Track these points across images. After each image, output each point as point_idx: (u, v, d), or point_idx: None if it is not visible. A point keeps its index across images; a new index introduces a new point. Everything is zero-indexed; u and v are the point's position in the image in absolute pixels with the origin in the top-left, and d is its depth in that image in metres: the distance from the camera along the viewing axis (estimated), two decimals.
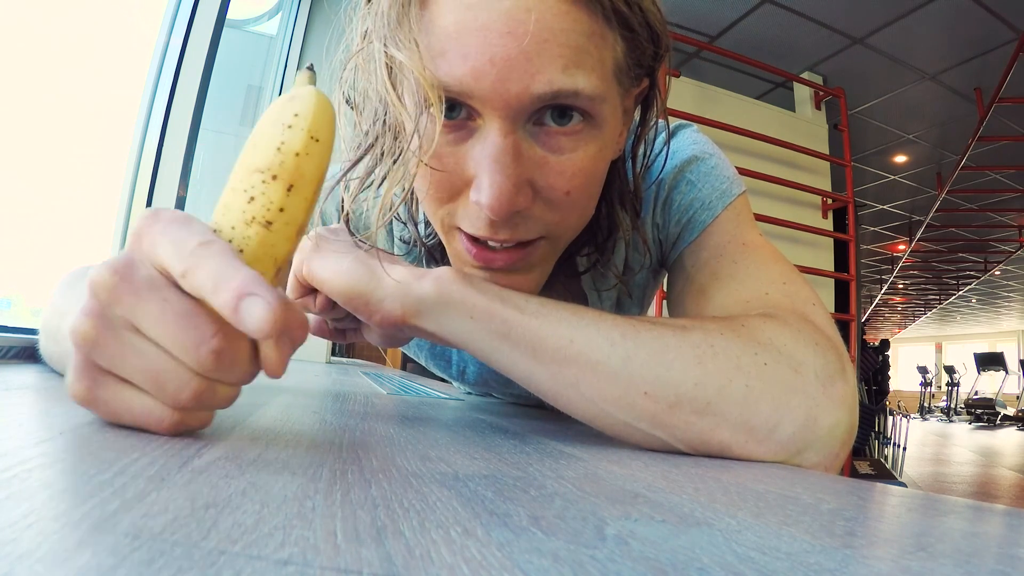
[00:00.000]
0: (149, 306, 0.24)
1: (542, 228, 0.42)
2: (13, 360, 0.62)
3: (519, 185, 0.38)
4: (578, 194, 0.41)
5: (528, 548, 0.15)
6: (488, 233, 0.41)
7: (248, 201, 0.27)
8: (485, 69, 0.36)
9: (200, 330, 0.24)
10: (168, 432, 0.26)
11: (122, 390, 0.25)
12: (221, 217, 0.27)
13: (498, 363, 0.40)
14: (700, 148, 0.57)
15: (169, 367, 0.25)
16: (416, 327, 0.41)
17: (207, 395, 0.25)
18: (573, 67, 0.37)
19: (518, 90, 0.36)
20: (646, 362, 0.37)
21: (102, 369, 0.25)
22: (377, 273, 0.41)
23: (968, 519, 0.24)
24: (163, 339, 0.24)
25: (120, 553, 0.12)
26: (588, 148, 0.40)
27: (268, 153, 0.27)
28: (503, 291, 0.41)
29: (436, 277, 0.40)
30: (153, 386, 0.25)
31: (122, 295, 0.24)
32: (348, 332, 0.48)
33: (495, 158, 0.37)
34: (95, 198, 1.56)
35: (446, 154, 0.40)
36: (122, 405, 0.25)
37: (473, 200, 0.39)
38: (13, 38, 1.18)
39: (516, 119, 0.38)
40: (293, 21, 2.38)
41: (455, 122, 0.39)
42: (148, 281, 0.25)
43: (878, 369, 4.25)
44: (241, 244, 0.26)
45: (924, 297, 10.64)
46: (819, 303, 0.46)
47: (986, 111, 3.44)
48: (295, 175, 0.27)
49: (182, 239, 0.25)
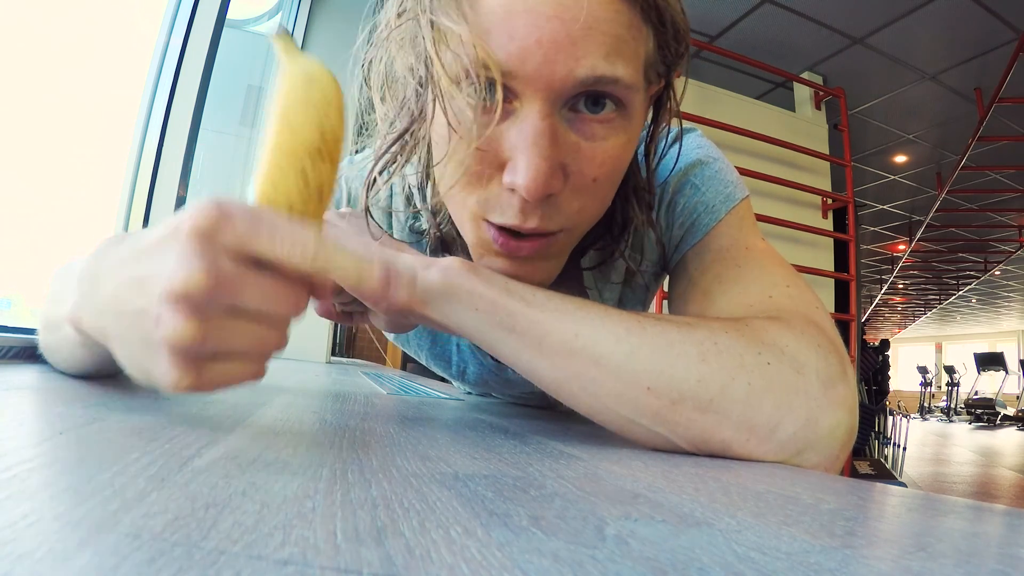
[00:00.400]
0: (251, 288, 0.26)
1: (564, 219, 0.42)
2: (13, 360, 0.62)
3: (554, 168, 0.39)
4: (604, 181, 0.42)
5: (528, 548, 0.15)
6: (518, 221, 0.41)
7: (304, 182, 0.29)
8: (531, 50, 0.36)
9: (292, 292, 0.28)
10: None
11: (223, 365, 0.27)
12: (273, 193, 0.29)
13: (502, 354, 0.40)
14: (704, 152, 0.57)
15: (264, 334, 0.27)
16: (422, 315, 0.41)
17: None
18: (614, 55, 0.38)
19: (563, 73, 0.37)
20: (650, 358, 0.37)
21: (202, 357, 0.26)
22: (385, 259, 0.41)
23: (968, 519, 0.24)
24: (268, 307, 0.27)
25: (120, 553, 0.12)
26: (619, 137, 0.41)
27: (313, 135, 0.29)
28: (509, 282, 0.41)
29: (444, 267, 0.41)
30: (256, 354, 0.28)
31: (229, 230, 0.26)
32: (355, 315, 0.48)
33: (534, 140, 0.38)
34: (95, 198, 1.56)
35: (479, 135, 0.40)
36: (226, 378, 0.27)
37: (507, 181, 0.39)
38: (13, 38, 1.18)
39: (555, 103, 0.38)
40: (293, 21, 2.38)
41: (492, 103, 0.39)
42: (236, 272, 0.26)
43: (878, 369, 4.25)
44: (299, 219, 0.29)
45: (924, 297, 10.63)
46: (822, 307, 0.46)
47: (986, 111, 3.44)
48: (336, 154, 0.30)
49: (290, 235, 0.27)
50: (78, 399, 0.35)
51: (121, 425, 0.27)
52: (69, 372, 0.46)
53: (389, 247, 0.43)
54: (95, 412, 0.30)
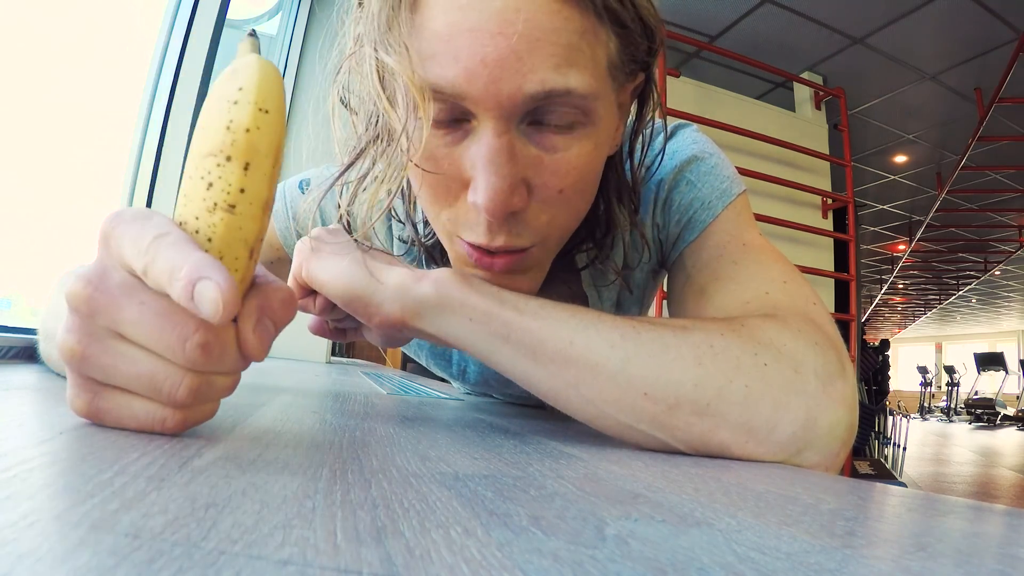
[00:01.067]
0: (127, 312, 0.24)
1: (533, 234, 0.42)
2: (13, 360, 0.62)
3: (514, 185, 0.39)
4: (571, 192, 0.41)
5: (528, 548, 0.15)
6: (486, 240, 0.41)
7: (207, 187, 0.25)
8: (477, 70, 0.36)
9: (181, 327, 0.24)
10: (176, 430, 0.26)
11: (121, 398, 0.25)
12: (183, 208, 0.26)
13: (498, 364, 0.40)
14: (700, 148, 0.57)
15: (159, 368, 0.24)
16: (416, 329, 0.41)
17: (204, 388, 0.25)
18: (565, 66, 0.37)
19: (510, 90, 0.36)
20: (645, 363, 0.37)
21: (97, 381, 0.25)
22: (376, 275, 0.41)
23: (968, 519, 0.24)
24: (148, 341, 0.24)
25: (120, 553, 0.12)
26: (583, 146, 0.40)
27: (218, 134, 0.25)
28: (502, 292, 0.41)
29: (435, 279, 0.40)
30: (149, 389, 0.25)
31: (99, 305, 0.24)
32: (348, 331, 0.48)
33: (490, 159, 0.38)
34: (95, 198, 1.56)
35: (442, 156, 0.40)
36: (125, 412, 0.25)
37: (470, 201, 0.40)
38: (13, 38, 1.18)
39: (510, 119, 0.38)
40: (293, 21, 2.38)
41: (450, 125, 0.39)
42: (121, 286, 0.25)
43: (878, 369, 4.25)
44: (208, 233, 0.25)
45: (924, 297, 10.63)
46: (820, 302, 0.46)
47: (986, 111, 3.44)
48: (250, 152, 0.25)
49: (139, 235, 0.24)
50: None
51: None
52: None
53: (380, 261, 0.42)
54: None
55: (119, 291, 0.25)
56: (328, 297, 0.42)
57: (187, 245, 0.24)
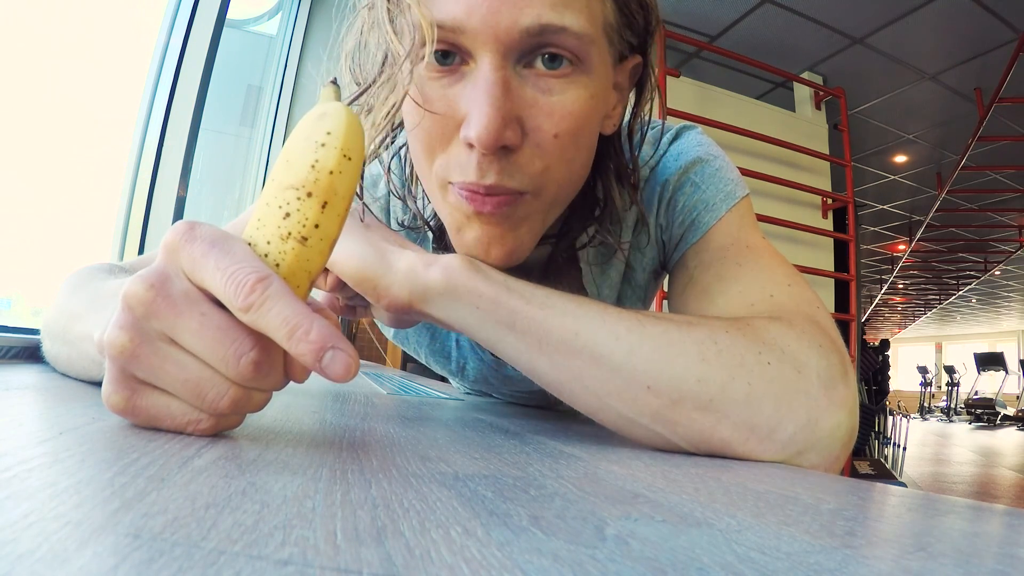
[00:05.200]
0: (188, 321, 0.25)
1: (528, 179, 0.42)
2: (13, 360, 0.62)
3: (507, 119, 0.39)
4: (566, 138, 0.42)
5: (528, 548, 0.15)
6: (476, 177, 0.41)
7: (284, 217, 0.27)
8: (476, 4, 0.38)
9: (240, 343, 0.25)
10: (205, 434, 0.27)
11: (161, 398, 0.26)
12: (256, 232, 0.28)
13: (503, 352, 0.41)
14: (705, 150, 0.57)
15: (207, 376, 0.26)
16: (423, 312, 0.41)
17: (243, 401, 0.26)
18: (562, 6, 0.39)
19: (507, 23, 0.38)
20: (650, 357, 0.37)
21: (139, 380, 0.26)
22: (387, 258, 0.41)
23: (968, 519, 0.24)
24: (203, 352, 0.25)
25: (120, 553, 0.12)
26: (578, 92, 0.41)
27: (303, 171, 0.27)
28: (510, 280, 0.41)
29: (445, 265, 0.41)
30: (192, 395, 0.26)
31: (159, 309, 0.25)
32: (359, 309, 0.48)
33: (485, 91, 0.39)
34: (95, 198, 1.56)
35: (437, 98, 0.41)
36: (163, 412, 0.26)
37: (463, 136, 0.40)
38: (13, 38, 1.18)
39: (507, 55, 0.39)
40: (293, 21, 2.38)
41: (448, 68, 0.41)
42: (185, 295, 0.26)
43: (878, 369, 4.25)
44: (277, 259, 0.27)
45: (924, 297, 10.63)
46: (822, 306, 0.46)
47: (986, 111, 3.44)
48: (329, 192, 0.27)
49: (232, 270, 0.25)
50: (78, 399, 0.35)
51: (121, 425, 0.27)
52: (82, 379, 0.46)
53: (392, 243, 0.43)
54: (95, 412, 0.30)
55: (181, 299, 0.25)
56: (339, 276, 0.43)
57: (294, 298, 0.25)
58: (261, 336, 0.26)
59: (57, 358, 0.47)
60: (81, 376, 0.45)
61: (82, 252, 1.51)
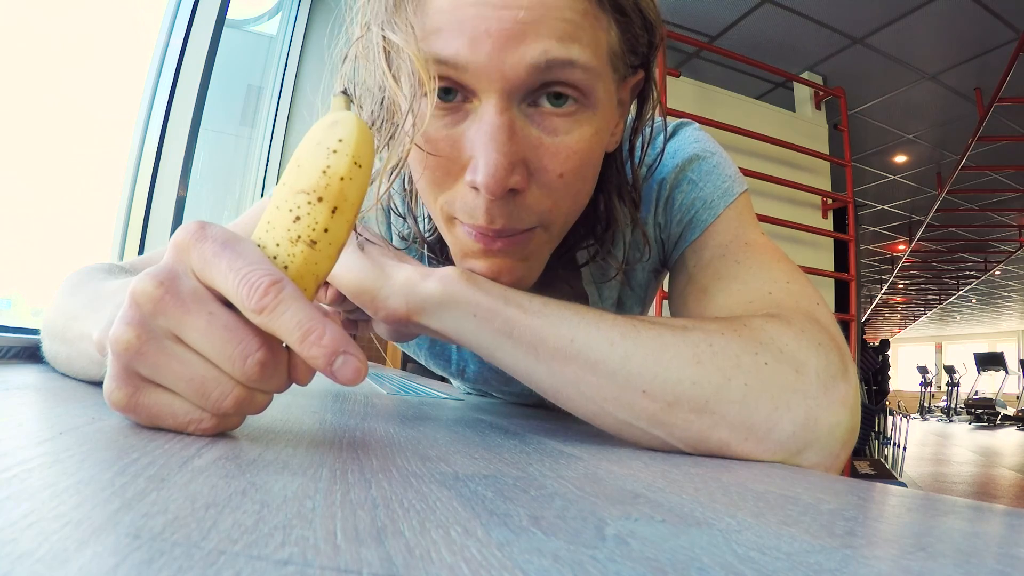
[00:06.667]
0: (195, 319, 0.25)
1: (536, 217, 0.42)
2: (13, 360, 0.62)
3: (514, 163, 0.39)
4: (572, 177, 0.42)
5: (528, 548, 0.15)
6: (484, 222, 0.41)
7: (294, 220, 0.28)
8: (481, 40, 0.37)
9: (247, 343, 0.25)
10: (206, 433, 0.27)
11: (164, 396, 0.26)
12: (265, 234, 0.28)
13: (500, 361, 0.41)
14: (702, 147, 0.57)
15: (212, 375, 0.26)
16: (420, 324, 0.41)
17: (246, 402, 0.26)
18: (568, 39, 0.38)
19: (513, 61, 0.37)
20: (644, 361, 0.37)
21: (142, 377, 0.26)
22: (385, 271, 0.41)
23: (968, 519, 0.24)
24: (209, 351, 0.25)
25: (120, 553, 0.12)
26: (583, 130, 0.41)
27: (314, 175, 0.28)
28: (507, 291, 0.41)
29: (441, 277, 0.41)
30: (196, 394, 0.26)
31: (167, 306, 0.25)
32: (360, 324, 0.49)
33: (491, 135, 0.38)
34: (95, 198, 1.56)
35: (441, 138, 0.40)
36: (166, 410, 0.26)
37: (468, 180, 0.40)
38: (13, 38, 1.18)
39: (512, 96, 0.38)
40: (293, 21, 2.38)
41: (450, 105, 0.40)
42: (193, 293, 0.26)
43: (878, 369, 4.25)
44: (286, 261, 0.27)
45: (924, 297, 10.63)
46: (823, 302, 0.46)
47: (986, 111, 3.44)
48: (339, 198, 0.28)
49: (246, 271, 0.25)
50: (78, 399, 0.35)
51: (121, 425, 0.27)
52: (80, 379, 0.46)
53: (391, 257, 0.43)
54: (95, 412, 0.30)
55: (190, 297, 0.25)
56: (338, 289, 0.43)
57: (306, 302, 0.25)
58: (267, 337, 0.26)
59: (56, 358, 0.47)
60: (80, 376, 0.45)
61: (82, 252, 1.51)
